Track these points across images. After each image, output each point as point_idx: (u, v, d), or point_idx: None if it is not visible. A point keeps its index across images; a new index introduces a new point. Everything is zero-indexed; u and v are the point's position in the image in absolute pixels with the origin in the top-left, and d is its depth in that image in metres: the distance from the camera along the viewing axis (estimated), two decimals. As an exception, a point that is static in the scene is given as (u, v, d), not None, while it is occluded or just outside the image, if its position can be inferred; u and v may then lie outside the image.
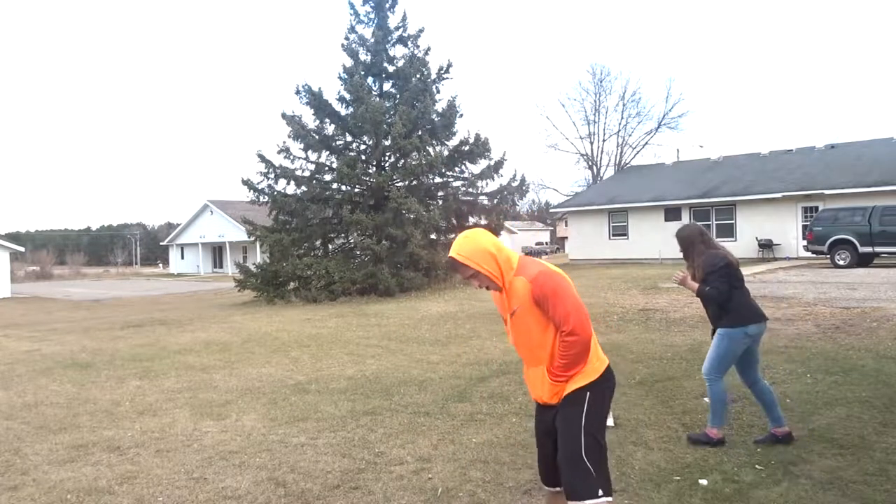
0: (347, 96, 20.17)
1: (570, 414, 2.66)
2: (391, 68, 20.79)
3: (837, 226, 18.24)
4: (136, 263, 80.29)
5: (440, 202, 20.35)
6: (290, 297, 18.29)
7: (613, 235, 28.47)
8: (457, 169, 20.79)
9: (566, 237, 47.03)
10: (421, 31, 20.70)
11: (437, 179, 20.88)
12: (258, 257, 29.74)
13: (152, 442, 5.08)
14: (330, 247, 20.51)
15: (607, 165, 50.66)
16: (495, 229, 20.80)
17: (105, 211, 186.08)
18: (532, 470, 4.09)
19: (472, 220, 21.19)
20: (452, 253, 2.65)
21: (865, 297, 11.16)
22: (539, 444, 2.94)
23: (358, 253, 19.52)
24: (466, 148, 20.11)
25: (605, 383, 2.71)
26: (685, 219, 26.10)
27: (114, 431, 5.43)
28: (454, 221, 20.82)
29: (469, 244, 2.65)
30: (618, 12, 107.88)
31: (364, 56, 20.57)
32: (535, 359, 2.71)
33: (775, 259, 22.72)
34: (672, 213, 26.54)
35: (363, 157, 20.16)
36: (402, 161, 19.63)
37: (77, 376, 8.05)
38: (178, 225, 57.00)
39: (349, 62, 20.28)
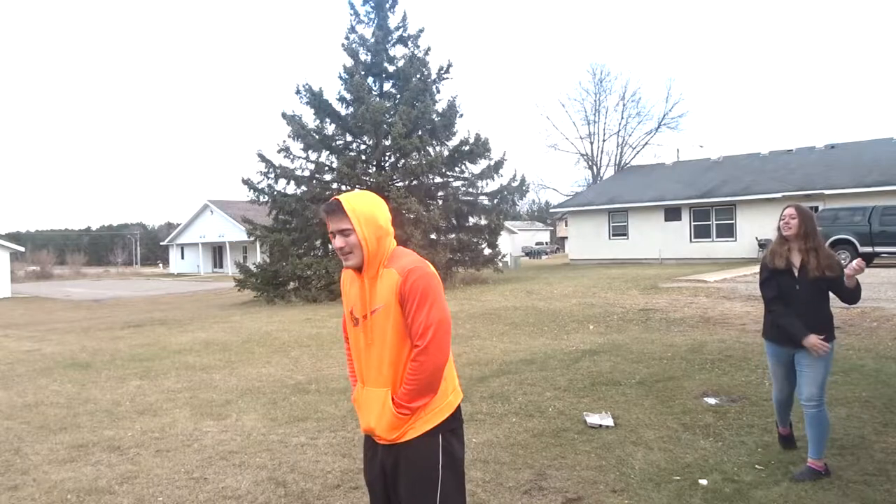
0: (348, 96, 20.19)
1: (419, 467, 2.17)
2: (391, 68, 20.81)
3: (837, 226, 18.22)
4: (137, 263, 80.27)
5: (440, 202, 20.36)
6: (290, 297, 18.30)
7: (613, 235, 28.47)
8: (457, 169, 20.81)
9: (566, 237, 47.04)
10: (421, 31, 20.76)
11: (438, 179, 20.90)
12: (258, 257, 29.75)
13: (152, 442, 5.08)
14: (330, 247, 20.50)
15: (607, 165, 50.78)
16: (495, 229, 20.84)
17: (105, 211, 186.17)
18: (532, 469, 4.10)
19: (472, 220, 21.20)
20: (342, 198, 2.18)
21: (865, 297, 11.10)
22: (370, 492, 2.36)
23: (358, 253, 19.50)
24: (466, 148, 20.12)
25: (457, 422, 2.25)
26: (685, 219, 26.12)
27: (114, 431, 5.43)
28: (454, 221, 20.83)
29: (364, 201, 2.19)
30: (618, 12, 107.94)
31: (364, 56, 20.59)
32: (380, 378, 2.19)
33: (775, 259, 22.69)
34: (672, 213, 26.55)
35: (363, 157, 20.17)
36: (402, 161, 19.64)
37: (77, 376, 8.05)
38: (178, 225, 57.04)
39: (349, 62, 20.31)
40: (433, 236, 19.73)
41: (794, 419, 4.39)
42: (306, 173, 20.10)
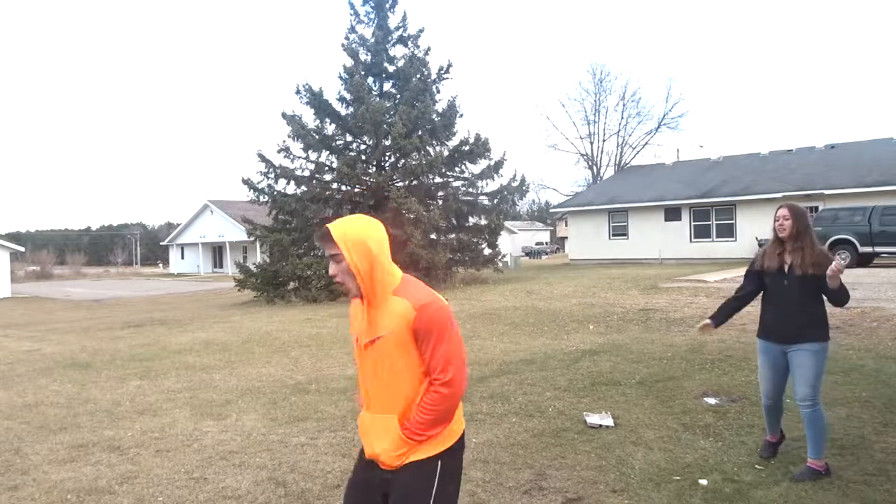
0: (348, 96, 20.20)
1: (414, 490, 2.14)
2: (391, 68, 20.81)
3: (837, 226, 18.23)
4: (137, 263, 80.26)
5: (440, 202, 20.36)
6: (290, 296, 18.29)
7: (613, 235, 28.48)
8: (457, 169, 20.81)
9: (566, 237, 47.06)
10: (421, 31, 20.76)
11: (438, 179, 20.90)
12: (258, 257, 29.75)
13: (152, 442, 5.08)
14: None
15: (607, 165, 50.80)
16: (495, 229, 20.83)
17: (105, 211, 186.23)
18: (532, 469, 4.10)
19: (472, 219, 21.20)
20: (332, 224, 2.15)
21: (865, 297, 11.16)
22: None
23: (358, 253, 19.51)
24: (466, 148, 20.12)
25: (460, 451, 2.25)
26: (685, 219, 26.12)
27: (114, 431, 5.43)
28: (454, 221, 20.82)
29: (354, 226, 2.14)
30: (618, 12, 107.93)
31: (364, 56, 20.60)
32: (387, 404, 2.16)
33: (775, 259, 22.69)
34: (672, 213, 26.55)
35: (363, 157, 20.17)
36: (402, 161, 19.64)
37: (77, 376, 8.05)
38: (178, 225, 57.05)
39: (349, 62, 20.31)
40: (433, 236, 19.73)
41: (788, 426, 4.38)
42: (306, 173, 20.11)
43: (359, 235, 2.11)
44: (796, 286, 3.79)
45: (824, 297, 3.83)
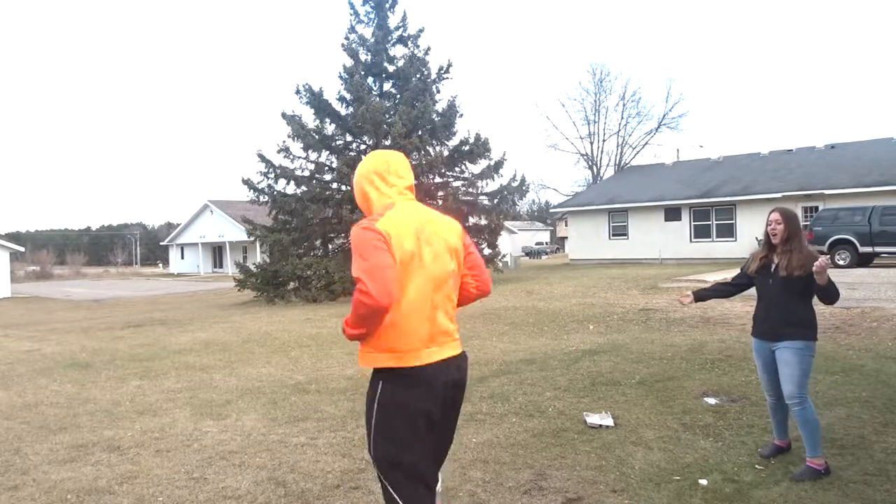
0: (347, 96, 20.19)
1: (367, 395, 2.41)
2: (391, 68, 20.81)
3: (837, 226, 18.24)
4: (136, 263, 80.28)
5: (440, 202, 20.34)
6: (290, 297, 18.30)
7: (613, 235, 28.48)
8: (457, 169, 20.81)
9: (566, 237, 47.04)
10: (421, 31, 20.76)
11: (438, 179, 20.89)
12: (258, 257, 29.75)
13: (152, 442, 5.07)
14: (330, 247, 20.52)
15: (607, 165, 50.79)
16: (495, 229, 20.83)
17: (105, 211, 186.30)
18: (532, 469, 4.10)
19: (472, 219, 21.20)
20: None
21: (865, 297, 11.16)
22: None
23: (358, 253, 19.54)
24: (466, 148, 20.12)
25: (406, 380, 2.30)
26: (685, 219, 26.12)
27: (114, 431, 5.43)
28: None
29: (366, 162, 2.64)
30: (618, 12, 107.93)
31: (364, 56, 20.60)
32: None
33: (775, 259, 22.71)
34: (672, 213, 26.55)
35: (363, 157, 20.18)
36: (402, 161, 19.62)
37: (77, 376, 8.05)
38: (178, 225, 57.05)
39: (349, 62, 20.31)
40: (433, 236, 19.69)
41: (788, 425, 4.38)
42: (306, 173, 20.10)
43: (356, 174, 2.62)
44: (780, 286, 3.88)
45: (815, 297, 3.87)
